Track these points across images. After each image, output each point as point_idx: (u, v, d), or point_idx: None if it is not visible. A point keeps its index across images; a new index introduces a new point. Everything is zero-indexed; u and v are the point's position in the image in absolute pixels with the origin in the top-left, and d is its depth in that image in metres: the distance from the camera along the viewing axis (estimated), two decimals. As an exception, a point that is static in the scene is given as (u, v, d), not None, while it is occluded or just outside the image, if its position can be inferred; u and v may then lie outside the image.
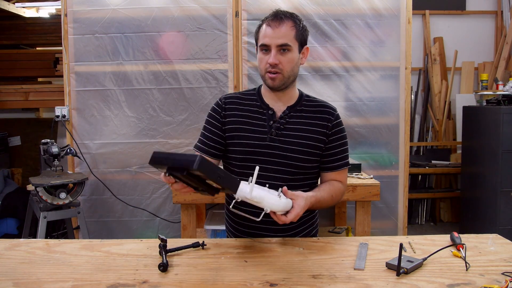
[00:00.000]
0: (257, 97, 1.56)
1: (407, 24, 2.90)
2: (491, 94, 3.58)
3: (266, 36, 1.44)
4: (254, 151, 1.48)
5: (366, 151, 2.99)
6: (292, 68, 1.46)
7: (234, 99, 1.57)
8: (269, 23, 1.45)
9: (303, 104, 1.54)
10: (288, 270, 1.13)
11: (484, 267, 1.15)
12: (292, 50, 1.44)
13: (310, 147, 1.49)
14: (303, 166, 1.49)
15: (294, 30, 1.45)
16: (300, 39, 1.47)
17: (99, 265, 1.17)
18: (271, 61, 1.43)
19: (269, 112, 1.51)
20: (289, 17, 1.46)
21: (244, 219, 1.51)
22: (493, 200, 3.34)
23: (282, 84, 1.47)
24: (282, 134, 1.48)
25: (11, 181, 3.89)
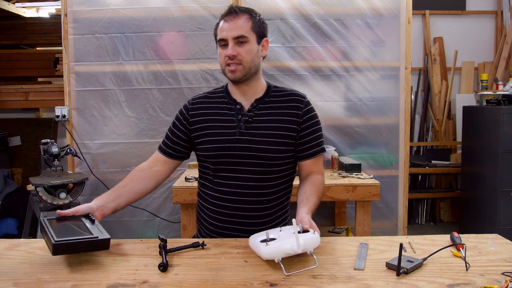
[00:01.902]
0: (225, 94, 1.56)
1: (407, 24, 2.90)
2: (491, 94, 3.58)
3: (223, 30, 1.45)
4: (224, 146, 1.47)
5: (366, 151, 2.99)
6: (251, 59, 1.46)
7: (201, 99, 1.58)
8: (226, 18, 1.46)
9: (271, 95, 1.54)
10: (288, 270, 1.13)
11: (484, 267, 1.15)
12: (249, 41, 1.45)
13: (282, 137, 1.48)
14: (276, 157, 1.48)
15: (250, 21, 1.46)
16: (257, 30, 1.47)
17: (99, 265, 1.17)
18: (229, 53, 1.43)
19: (237, 107, 1.51)
20: (244, 11, 1.47)
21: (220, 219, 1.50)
22: (493, 200, 3.34)
23: (243, 75, 1.46)
24: (251, 127, 1.48)
25: (11, 181, 3.89)
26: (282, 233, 1.20)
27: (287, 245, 1.12)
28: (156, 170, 1.59)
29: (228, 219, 1.50)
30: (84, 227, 1.22)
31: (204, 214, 1.56)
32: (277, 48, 2.89)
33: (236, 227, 1.49)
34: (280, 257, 1.12)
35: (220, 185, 1.50)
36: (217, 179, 1.51)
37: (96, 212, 1.35)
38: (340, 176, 2.59)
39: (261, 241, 1.17)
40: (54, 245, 1.09)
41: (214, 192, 1.52)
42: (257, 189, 1.49)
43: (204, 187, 1.57)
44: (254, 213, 1.50)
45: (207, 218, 1.55)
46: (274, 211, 1.54)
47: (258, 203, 1.50)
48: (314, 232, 1.18)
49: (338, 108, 2.96)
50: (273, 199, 1.52)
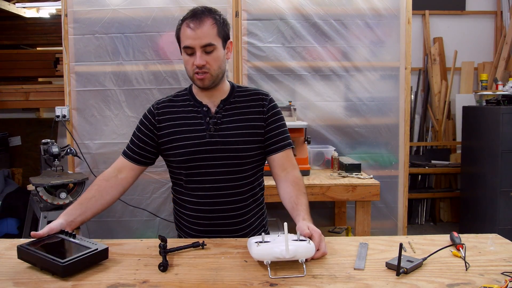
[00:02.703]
0: (189, 97, 1.55)
1: (407, 24, 2.90)
2: (490, 94, 3.58)
3: (188, 37, 1.40)
4: (195, 150, 1.46)
5: (366, 151, 2.99)
6: (219, 66, 1.45)
7: (166, 103, 1.56)
8: (189, 23, 1.40)
9: (236, 96, 1.54)
10: (288, 270, 1.14)
11: (483, 267, 1.15)
12: (216, 48, 1.42)
13: (251, 135, 1.49)
14: (247, 155, 1.48)
15: (215, 27, 1.41)
16: (222, 35, 1.45)
17: (99, 265, 1.17)
18: (197, 63, 1.40)
19: (203, 109, 1.50)
20: (208, 14, 1.42)
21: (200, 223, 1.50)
22: (493, 200, 3.34)
23: (211, 83, 1.46)
24: (220, 129, 1.48)
25: (12, 181, 3.90)
26: (279, 238, 1.20)
27: (276, 249, 1.12)
28: (122, 177, 1.54)
29: (207, 222, 1.49)
30: (74, 244, 1.19)
31: (182, 219, 1.56)
32: (277, 48, 2.90)
33: (217, 229, 1.49)
34: (270, 260, 1.12)
35: (195, 190, 1.50)
36: (191, 184, 1.50)
37: (66, 227, 1.31)
38: (340, 176, 2.59)
39: (255, 242, 1.18)
40: (64, 267, 1.07)
41: (190, 197, 1.51)
42: (232, 188, 1.49)
43: (178, 193, 1.56)
44: (232, 212, 1.50)
45: (186, 223, 1.54)
46: (252, 208, 1.55)
47: (235, 202, 1.50)
48: (309, 242, 1.17)
49: (338, 108, 2.97)
50: (249, 196, 1.53)
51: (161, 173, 2.93)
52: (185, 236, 1.56)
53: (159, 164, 2.98)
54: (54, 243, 1.21)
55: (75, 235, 1.24)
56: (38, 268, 1.13)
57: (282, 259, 1.12)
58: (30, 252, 1.14)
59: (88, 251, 1.14)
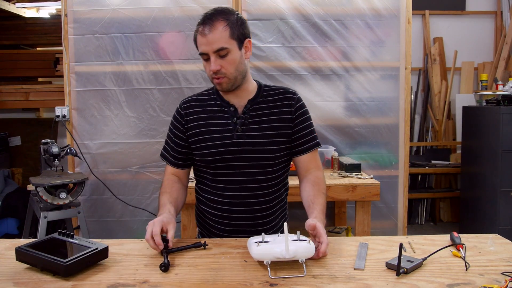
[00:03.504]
0: (216, 96, 1.54)
1: (407, 24, 2.90)
2: (490, 94, 3.58)
3: (201, 44, 1.41)
4: (223, 150, 1.46)
5: (366, 151, 2.99)
6: (235, 68, 1.42)
7: (192, 102, 1.55)
8: (201, 29, 1.40)
9: (263, 95, 1.53)
10: (288, 270, 1.14)
11: (483, 267, 1.15)
12: (231, 51, 1.39)
13: (278, 136, 1.49)
14: (275, 156, 1.48)
15: (227, 29, 1.38)
16: (237, 36, 1.41)
17: (99, 265, 1.17)
18: (212, 68, 1.40)
19: (230, 109, 1.50)
20: (219, 17, 1.39)
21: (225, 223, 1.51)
22: (493, 200, 3.34)
23: (230, 86, 1.45)
24: (248, 129, 1.47)
25: (12, 181, 3.89)
26: (279, 238, 1.20)
27: (276, 249, 1.12)
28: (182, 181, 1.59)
29: (232, 222, 1.50)
30: (74, 244, 1.19)
31: (207, 218, 1.56)
32: (277, 48, 2.90)
33: (241, 229, 1.49)
34: (270, 260, 1.12)
35: (220, 189, 1.50)
36: (217, 183, 1.50)
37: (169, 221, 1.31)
38: (340, 176, 2.59)
39: (255, 242, 1.18)
40: (66, 267, 1.07)
41: (215, 197, 1.51)
42: (258, 189, 1.49)
43: (203, 191, 1.56)
44: (257, 213, 1.50)
45: (210, 222, 1.55)
46: (276, 209, 1.55)
47: (260, 203, 1.50)
48: (309, 242, 1.17)
49: (338, 108, 2.97)
50: (274, 197, 1.53)
51: (161, 173, 2.93)
52: (207, 234, 1.57)
53: (159, 164, 3.01)
54: (53, 244, 1.21)
55: (73, 235, 1.24)
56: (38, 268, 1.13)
57: (282, 259, 1.12)
58: (29, 253, 1.13)
59: (89, 250, 1.14)
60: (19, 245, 1.17)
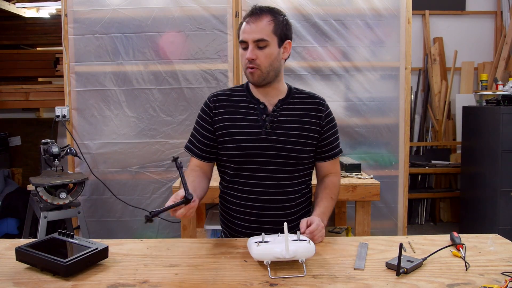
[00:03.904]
0: (246, 93, 1.56)
1: (407, 24, 2.90)
2: (490, 94, 3.58)
3: (244, 32, 1.45)
4: (249, 146, 1.48)
5: (366, 151, 2.99)
6: (270, 63, 1.46)
7: (222, 96, 1.57)
8: (247, 19, 1.46)
9: (294, 97, 1.56)
10: (288, 270, 1.14)
11: (483, 267, 1.15)
12: (269, 45, 1.44)
13: (305, 138, 1.51)
14: (300, 157, 1.50)
15: (272, 24, 1.44)
16: (279, 33, 1.46)
17: (99, 264, 1.17)
18: (247, 56, 1.44)
19: (260, 106, 1.52)
20: (267, 12, 1.45)
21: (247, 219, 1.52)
22: (493, 200, 3.34)
23: (261, 79, 1.47)
24: (276, 127, 1.49)
25: (12, 181, 3.89)
26: (279, 238, 1.20)
27: (277, 249, 1.13)
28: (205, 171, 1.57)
29: (254, 218, 1.51)
30: (74, 244, 1.19)
31: (228, 215, 1.58)
32: (277, 48, 2.89)
33: (262, 226, 1.50)
34: (270, 260, 1.12)
35: (244, 185, 1.51)
36: (241, 179, 1.52)
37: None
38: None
39: (255, 242, 1.18)
40: (66, 267, 1.07)
41: (238, 192, 1.53)
42: (281, 187, 1.51)
43: (226, 188, 1.57)
44: (280, 211, 1.52)
45: (231, 218, 1.56)
46: (299, 209, 1.56)
47: (283, 201, 1.52)
48: (309, 242, 1.18)
49: (338, 108, 2.96)
50: (297, 197, 1.55)
51: (161, 173, 2.93)
52: (230, 233, 1.58)
53: (159, 164, 3.01)
54: (53, 244, 1.21)
55: (73, 235, 1.24)
56: (38, 268, 1.13)
57: (282, 259, 1.12)
58: (29, 253, 1.14)
59: (89, 250, 1.14)
60: (19, 245, 1.17)
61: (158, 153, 2.92)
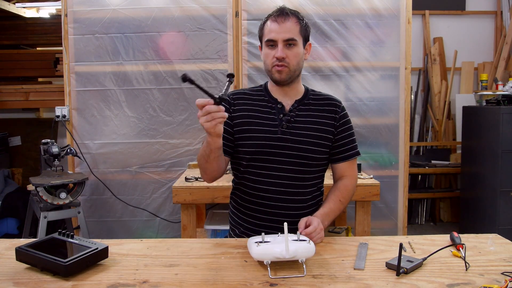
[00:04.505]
0: (265, 93, 1.59)
1: (407, 24, 2.90)
2: (490, 94, 3.58)
3: (272, 31, 1.47)
4: (266, 144, 1.50)
5: (366, 151, 2.99)
6: (297, 62, 1.50)
7: (242, 95, 1.60)
8: (275, 18, 1.48)
9: (310, 98, 1.58)
10: (288, 270, 1.14)
11: (483, 267, 1.15)
12: (297, 44, 1.48)
13: (321, 139, 1.53)
14: (315, 157, 1.52)
15: (298, 25, 1.49)
16: (304, 34, 1.51)
17: (99, 264, 1.17)
18: (278, 55, 1.45)
19: (278, 106, 1.54)
20: (293, 13, 1.50)
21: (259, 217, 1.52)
22: (493, 200, 3.34)
23: (288, 77, 1.50)
24: (293, 127, 1.51)
25: (12, 181, 3.89)
26: (279, 238, 1.20)
27: (276, 249, 1.13)
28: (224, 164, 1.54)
29: (266, 217, 1.52)
30: (74, 244, 1.19)
31: (240, 213, 1.58)
32: (277, 48, 2.89)
33: (273, 225, 1.51)
34: (270, 260, 1.12)
35: (257, 182, 1.52)
36: (254, 176, 1.53)
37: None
38: (340, 176, 2.58)
39: (255, 242, 1.18)
40: (66, 267, 1.07)
41: (251, 190, 1.53)
42: (294, 187, 1.52)
43: (239, 185, 1.58)
44: (291, 211, 1.52)
45: (242, 215, 1.57)
46: (311, 210, 1.56)
47: (294, 202, 1.53)
48: (309, 242, 1.18)
49: (338, 108, 2.96)
50: (309, 198, 1.56)
51: (161, 173, 2.93)
52: (240, 230, 1.58)
53: (159, 164, 3.00)
54: (53, 244, 1.21)
55: (73, 235, 1.24)
56: (38, 268, 1.13)
57: (282, 259, 1.12)
58: (29, 253, 1.13)
59: (89, 250, 1.14)
60: (19, 245, 1.17)
61: (158, 153, 2.92)
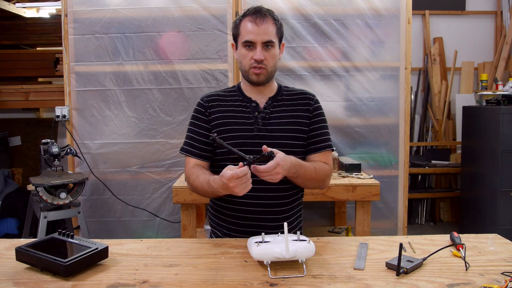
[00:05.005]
0: (238, 93, 1.59)
1: (407, 24, 2.90)
2: (490, 94, 3.58)
3: (251, 32, 1.47)
4: (243, 142, 1.49)
5: (366, 151, 2.99)
6: (274, 63, 1.52)
7: (215, 96, 1.60)
8: (253, 19, 1.47)
9: (283, 94, 1.60)
10: (288, 270, 1.14)
11: (483, 267, 1.15)
12: (275, 46, 1.50)
13: (297, 132, 1.54)
14: (292, 151, 1.50)
15: (275, 26, 1.49)
16: (279, 35, 1.52)
17: (99, 265, 1.17)
18: (257, 57, 1.46)
19: (252, 105, 1.55)
20: (270, 14, 1.50)
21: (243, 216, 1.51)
22: (493, 200, 3.34)
23: (266, 78, 1.52)
24: (268, 123, 1.52)
25: (12, 181, 3.90)
26: (279, 238, 1.20)
27: (276, 249, 1.13)
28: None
29: (249, 216, 1.51)
30: (74, 244, 1.19)
31: (222, 214, 1.57)
32: (277, 48, 2.89)
33: (257, 224, 1.50)
34: (270, 260, 1.12)
35: None
36: None
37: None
38: (340, 176, 2.59)
39: (255, 242, 1.18)
40: (66, 267, 1.07)
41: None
42: (274, 183, 1.49)
43: None
44: (274, 208, 1.52)
45: (224, 217, 1.56)
46: (293, 206, 1.57)
47: (277, 198, 1.52)
48: (309, 242, 1.18)
49: (338, 108, 2.96)
50: (291, 194, 1.56)
51: (161, 173, 2.93)
52: (220, 234, 1.58)
53: (159, 164, 3.00)
54: (53, 244, 1.21)
55: (73, 235, 1.24)
56: (38, 268, 1.13)
57: (282, 259, 1.12)
58: (29, 253, 1.14)
59: (89, 250, 1.14)
60: (19, 245, 1.17)
61: (158, 153, 2.92)
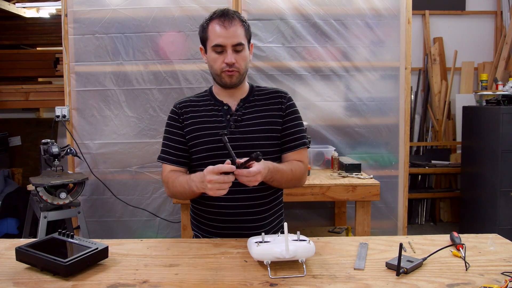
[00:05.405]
0: (210, 97, 1.59)
1: (407, 24, 2.90)
2: (490, 94, 3.58)
3: (220, 36, 1.45)
4: (216, 146, 1.49)
5: (366, 151, 2.99)
6: (246, 65, 1.51)
7: (188, 102, 1.59)
8: (221, 22, 1.46)
9: (255, 95, 1.59)
10: (288, 270, 1.14)
11: (483, 267, 1.15)
12: (245, 48, 1.49)
13: (270, 131, 1.53)
14: (267, 151, 1.50)
15: (243, 28, 1.49)
16: (248, 36, 1.52)
17: (99, 265, 1.17)
18: (229, 61, 1.45)
19: (224, 108, 1.55)
20: (236, 16, 1.49)
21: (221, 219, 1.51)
22: (493, 200, 3.34)
23: (238, 81, 1.51)
24: (241, 125, 1.52)
25: (12, 181, 3.89)
26: (279, 238, 1.20)
27: (276, 249, 1.13)
28: None
29: (227, 218, 1.51)
30: (74, 244, 1.19)
31: (201, 217, 1.57)
32: (277, 48, 2.89)
33: (237, 225, 1.50)
34: (270, 260, 1.12)
35: None
36: None
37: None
38: (340, 176, 2.59)
39: (255, 242, 1.18)
40: (66, 267, 1.07)
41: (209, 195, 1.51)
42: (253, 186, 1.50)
43: None
44: (253, 208, 1.51)
45: (204, 220, 1.56)
46: (272, 206, 1.56)
47: (255, 199, 1.51)
48: (309, 242, 1.18)
49: (338, 108, 2.97)
50: (269, 194, 1.55)
51: (161, 173, 2.92)
52: (202, 234, 1.57)
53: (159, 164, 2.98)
54: (53, 244, 1.21)
55: (73, 235, 1.24)
56: (38, 268, 1.13)
57: (282, 259, 1.12)
58: (29, 253, 1.14)
59: (89, 250, 1.14)
60: (19, 245, 1.17)
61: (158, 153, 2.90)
